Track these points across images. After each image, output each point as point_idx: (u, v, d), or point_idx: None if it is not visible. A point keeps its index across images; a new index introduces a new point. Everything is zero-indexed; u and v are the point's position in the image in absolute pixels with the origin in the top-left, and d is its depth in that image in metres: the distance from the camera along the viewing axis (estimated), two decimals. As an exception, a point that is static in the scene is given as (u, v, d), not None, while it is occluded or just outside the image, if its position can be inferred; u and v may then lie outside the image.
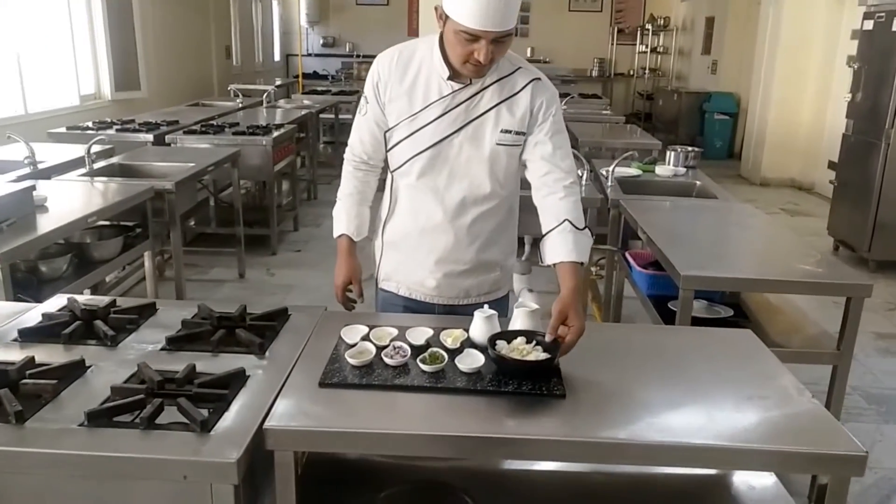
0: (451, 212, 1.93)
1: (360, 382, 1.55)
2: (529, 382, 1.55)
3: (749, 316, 2.73)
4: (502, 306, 2.14)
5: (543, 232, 1.87)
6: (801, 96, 8.39)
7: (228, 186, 5.61)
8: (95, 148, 3.99)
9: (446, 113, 1.87)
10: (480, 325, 1.72)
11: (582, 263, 1.81)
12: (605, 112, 7.78)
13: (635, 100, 13.50)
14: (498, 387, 1.54)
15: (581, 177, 3.76)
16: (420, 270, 2.01)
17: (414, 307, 2.06)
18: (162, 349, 1.71)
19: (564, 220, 1.82)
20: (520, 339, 1.68)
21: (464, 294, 2.04)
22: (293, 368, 1.63)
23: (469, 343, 1.72)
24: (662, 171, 4.15)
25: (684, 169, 4.21)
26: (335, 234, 2.03)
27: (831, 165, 7.49)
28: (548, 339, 1.64)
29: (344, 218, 2.02)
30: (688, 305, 2.42)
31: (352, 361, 1.61)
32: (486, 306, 1.78)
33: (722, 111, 10.40)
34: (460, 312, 2.02)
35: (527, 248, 3.78)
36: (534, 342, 1.66)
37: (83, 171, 3.80)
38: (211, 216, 5.70)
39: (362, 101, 1.99)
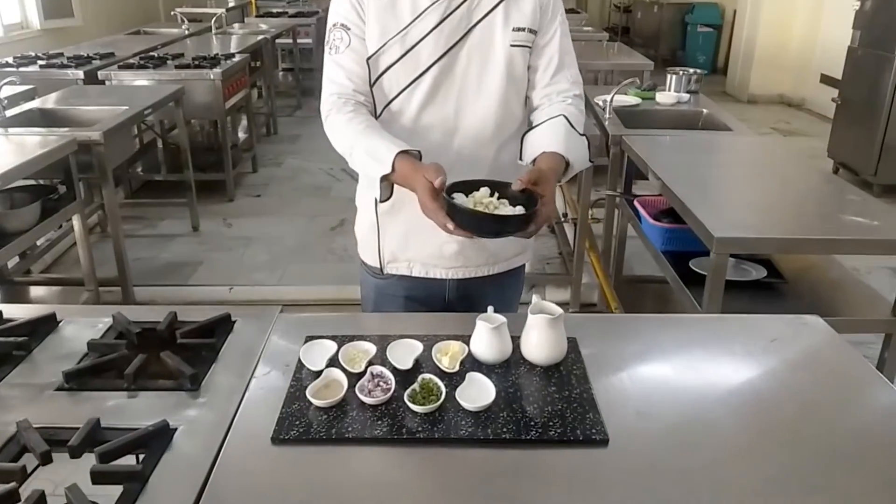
0: (469, 146, 1.51)
1: (326, 435, 1.13)
2: (559, 425, 1.15)
3: (782, 274, 2.34)
4: (518, 278, 1.76)
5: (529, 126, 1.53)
6: (792, 4, 7.86)
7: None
8: (9, 90, 3.41)
9: (445, 19, 1.45)
10: (487, 339, 1.29)
11: (567, 165, 1.45)
12: (586, 28, 7.17)
13: (612, 13, 12.79)
14: (517, 433, 1.14)
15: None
16: (437, 235, 1.48)
17: (418, 294, 1.65)
18: (58, 389, 1.27)
19: (560, 115, 1.50)
20: (484, 191, 1.37)
21: (492, 258, 1.64)
22: (237, 413, 1.20)
23: (471, 362, 1.31)
24: (664, 98, 3.69)
25: (687, 95, 3.75)
26: (382, 172, 1.38)
27: (824, 80, 7.08)
28: (515, 186, 1.35)
29: (381, 144, 1.40)
30: (721, 272, 2.02)
31: (315, 402, 1.19)
32: (490, 309, 1.35)
33: (706, 23, 9.83)
34: (475, 295, 1.63)
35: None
36: (496, 195, 1.38)
37: (-7, 120, 3.23)
38: (160, 161, 5.14)
39: (336, 35, 1.51)
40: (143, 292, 3.49)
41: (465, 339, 1.34)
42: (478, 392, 1.21)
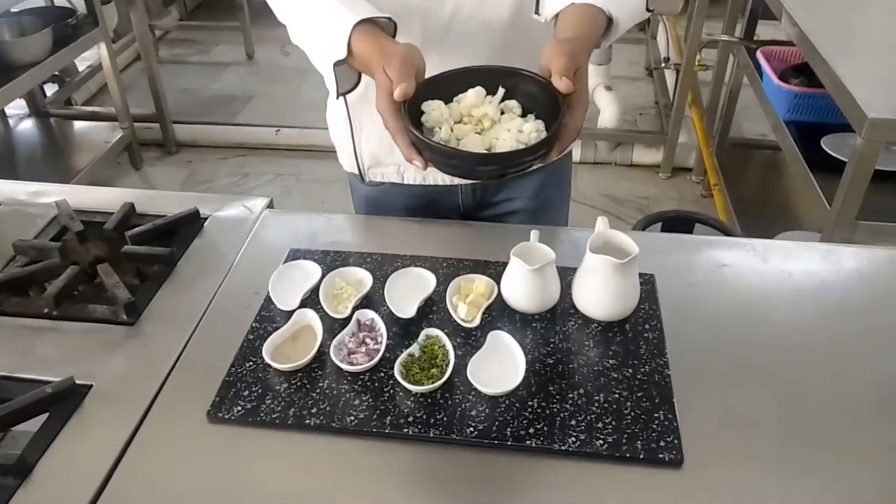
0: (470, 3, 0.98)
1: (280, 418, 0.81)
2: (611, 430, 0.79)
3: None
4: (563, 170, 1.29)
5: None
6: None
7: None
8: None
9: None
10: (524, 282, 0.91)
11: (610, 23, 0.91)
12: None
13: None
14: (549, 438, 0.78)
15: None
16: None
17: (420, 204, 1.19)
18: (-35, 309, 0.99)
19: None
20: (475, 94, 0.88)
21: None
22: (174, 368, 0.89)
23: (501, 309, 0.94)
24: None
25: None
26: (334, 58, 0.88)
27: None
28: (557, 84, 0.81)
29: (331, 10, 0.89)
30: (869, 163, 1.52)
31: (274, 365, 0.86)
32: (533, 235, 0.96)
33: None
34: (502, 199, 1.19)
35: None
36: (500, 94, 0.89)
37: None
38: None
39: None
40: (184, 131, 3.21)
41: (500, 269, 0.96)
42: (500, 365, 0.84)
